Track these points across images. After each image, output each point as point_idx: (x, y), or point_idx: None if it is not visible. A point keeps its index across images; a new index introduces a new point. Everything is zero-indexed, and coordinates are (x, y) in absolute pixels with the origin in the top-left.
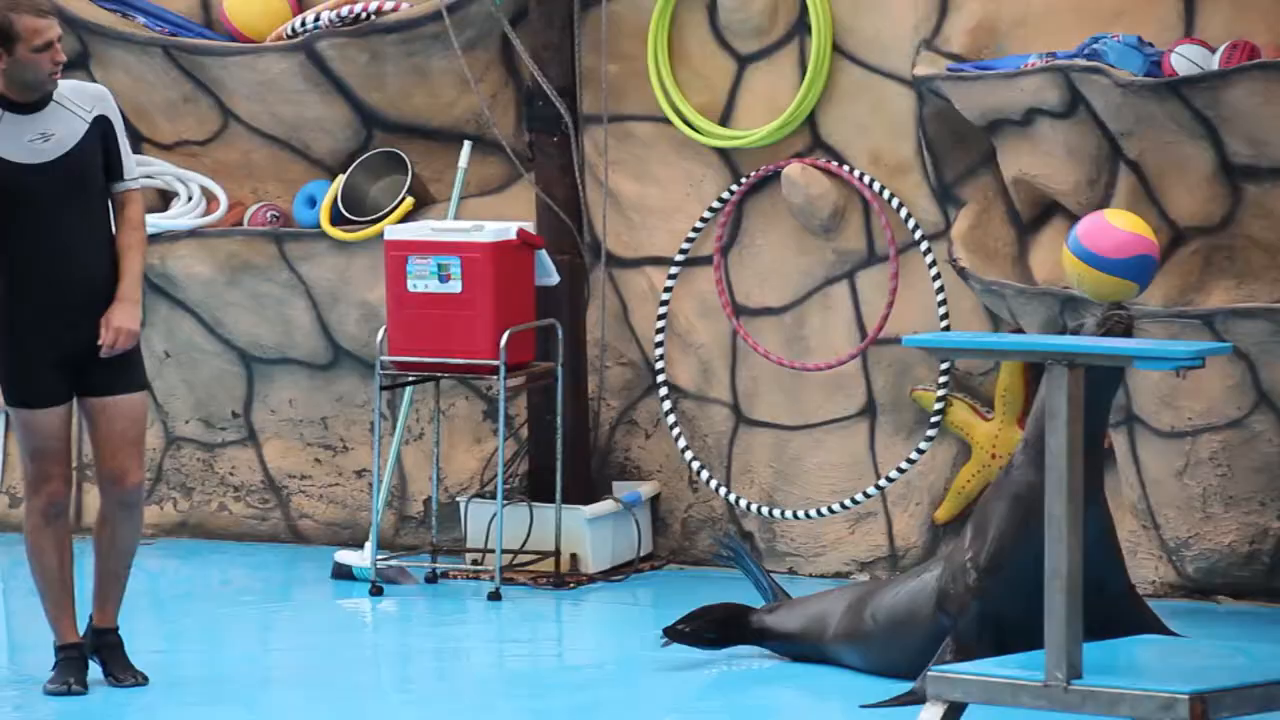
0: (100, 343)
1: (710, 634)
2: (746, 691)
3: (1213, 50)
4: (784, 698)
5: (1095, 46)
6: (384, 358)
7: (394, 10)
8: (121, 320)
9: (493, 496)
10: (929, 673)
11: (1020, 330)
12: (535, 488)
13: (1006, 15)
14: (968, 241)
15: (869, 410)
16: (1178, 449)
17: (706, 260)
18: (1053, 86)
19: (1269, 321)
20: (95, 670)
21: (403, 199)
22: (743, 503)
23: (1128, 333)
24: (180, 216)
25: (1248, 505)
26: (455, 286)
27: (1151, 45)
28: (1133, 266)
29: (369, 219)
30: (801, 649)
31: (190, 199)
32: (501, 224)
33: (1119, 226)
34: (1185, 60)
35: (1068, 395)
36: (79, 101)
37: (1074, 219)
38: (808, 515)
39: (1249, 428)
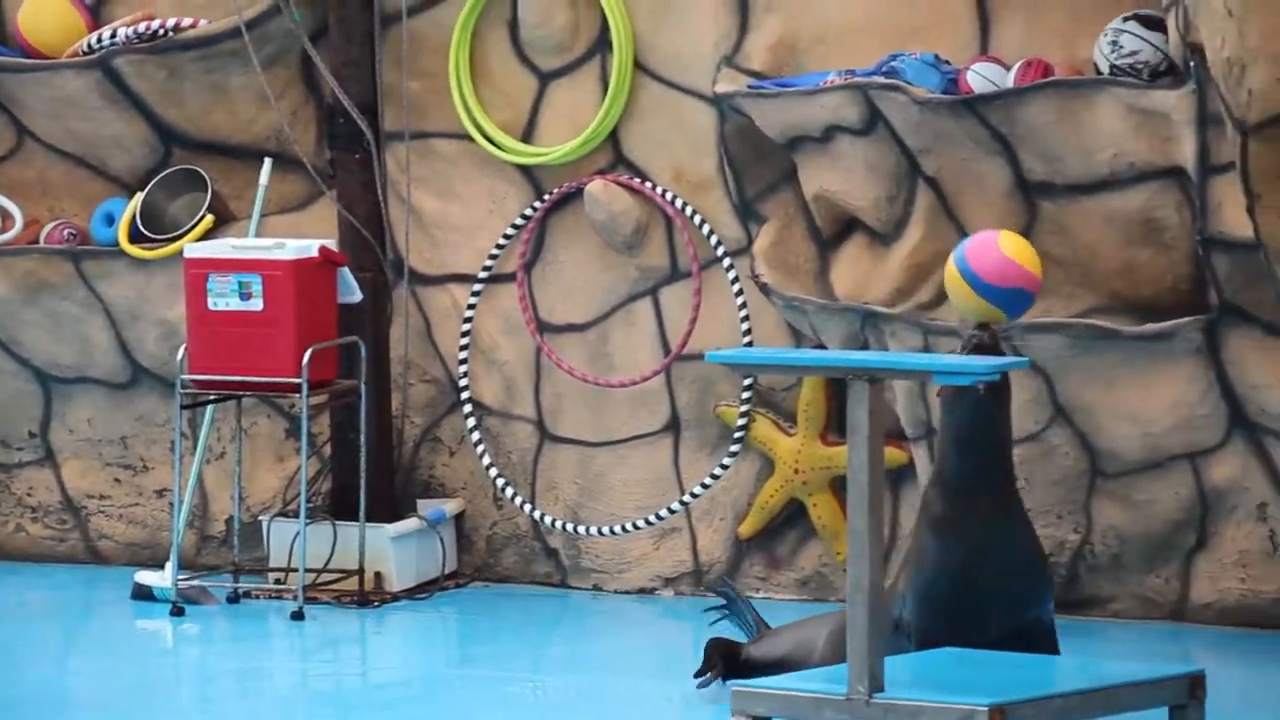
0: None
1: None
2: (547, 708)
3: (1008, 68)
4: (586, 712)
5: (893, 64)
6: (184, 376)
7: (192, 27)
8: None
9: (295, 515)
10: (734, 688)
11: (822, 346)
12: (338, 506)
13: (806, 33)
14: (769, 258)
15: (673, 426)
16: None
17: (510, 277)
18: (852, 104)
19: (1065, 336)
20: None
21: (202, 216)
22: (547, 519)
23: (989, 354)
24: None
25: (1045, 518)
26: (257, 304)
27: (948, 63)
28: (1006, 296)
29: (168, 237)
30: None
31: None
32: (303, 241)
33: (1006, 253)
34: (981, 78)
35: (868, 410)
36: None
37: (873, 235)
38: (612, 531)
39: (1046, 441)
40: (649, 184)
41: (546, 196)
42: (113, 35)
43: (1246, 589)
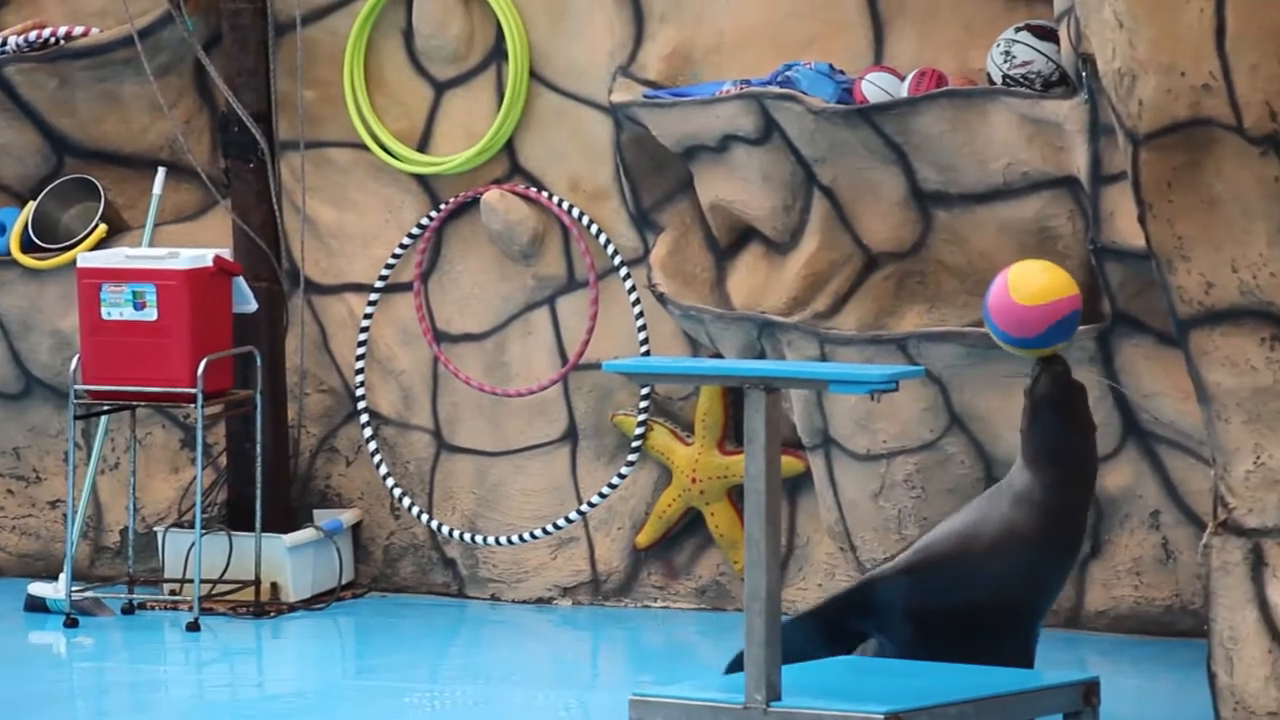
0: None
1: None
2: (445, 719)
3: (902, 78)
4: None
5: (788, 74)
6: (78, 386)
7: (84, 35)
8: None
9: (191, 526)
10: (631, 697)
11: (719, 355)
12: (234, 516)
13: (701, 42)
14: (666, 267)
15: (570, 436)
16: (873, 471)
17: (406, 287)
18: (747, 113)
19: (960, 345)
20: None
21: (95, 226)
22: (445, 529)
23: (1059, 388)
24: None
25: None
26: (151, 314)
27: (843, 73)
28: (1049, 336)
29: (61, 246)
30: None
31: None
32: (198, 251)
33: (1023, 303)
34: (876, 88)
35: (765, 419)
36: None
37: (769, 244)
38: (510, 541)
39: (942, 450)
40: (545, 193)
41: (443, 206)
42: (3, 44)
43: (1140, 596)
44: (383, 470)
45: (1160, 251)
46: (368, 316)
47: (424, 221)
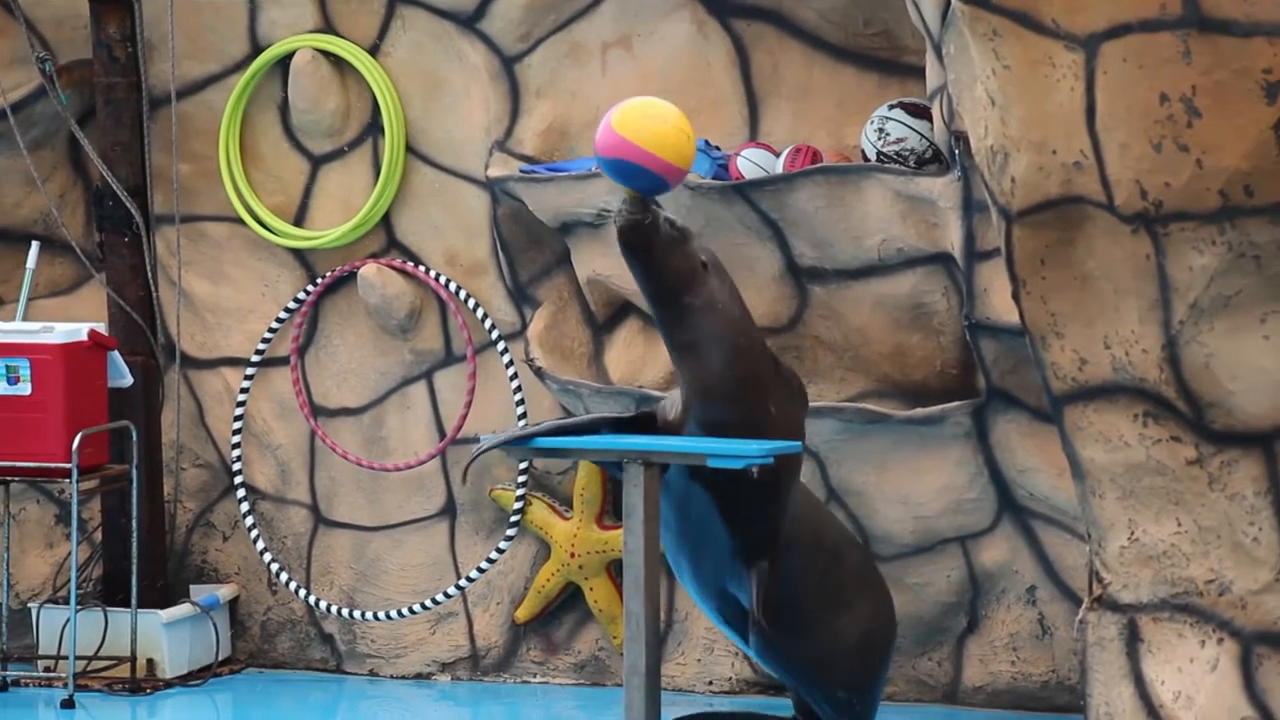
0: None
1: None
2: None
3: (777, 154)
4: None
5: None
6: None
7: None
8: None
9: (66, 602)
10: None
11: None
12: (110, 592)
13: (577, 117)
14: (544, 341)
15: (449, 510)
16: None
17: (283, 361)
18: (623, 188)
19: (837, 420)
20: None
21: None
22: (323, 604)
23: (625, 231)
24: None
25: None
26: (25, 389)
27: (719, 148)
28: (607, 166)
29: None
30: None
31: None
32: (72, 325)
33: (610, 122)
34: (751, 164)
35: (644, 493)
36: None
37: (647, 319)
38: (388, 616)
39: None
40: (422, 268)
41: (320, 280)
42: None
43: (1017, 671)
44: (260, 545)
45: (1034, 328)
46: (244, 391)
47: (301, 295)
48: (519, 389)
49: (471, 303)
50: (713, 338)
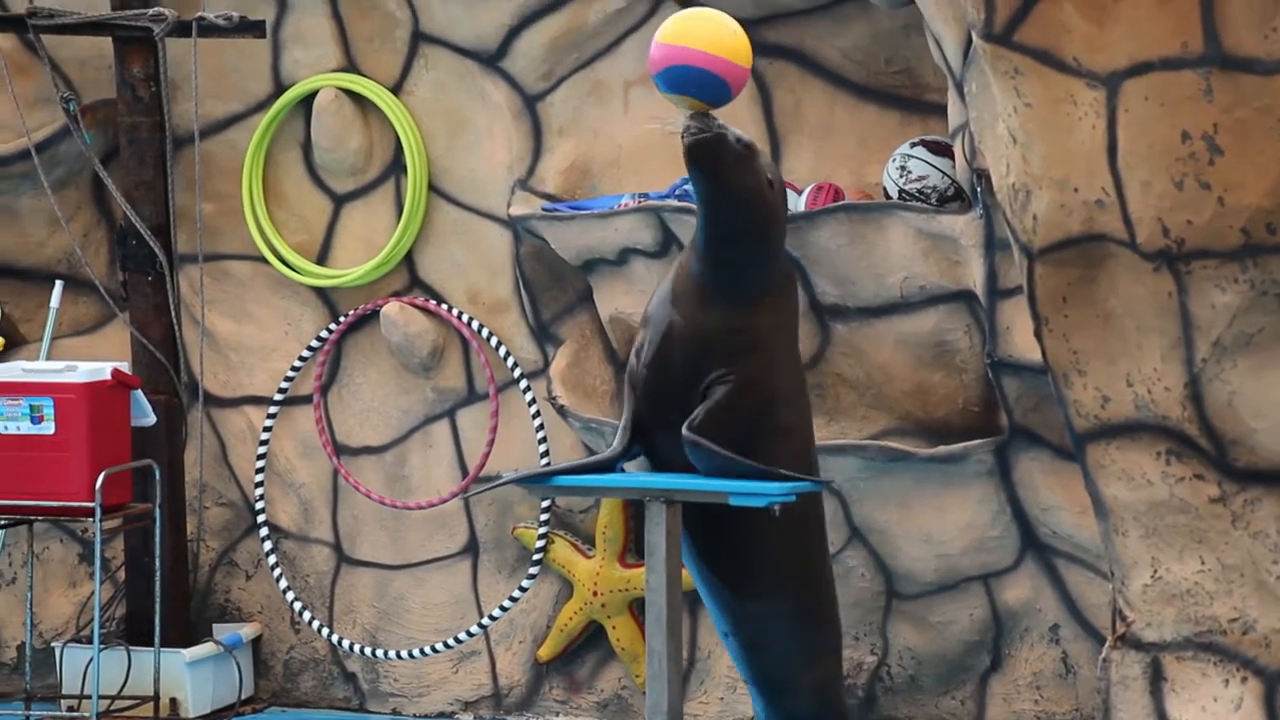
0: None
1: None
2: None
3: (799, 191)
4: None
5: (686, 187)
6: None
7: None
8: None
9: (89, 641)
10: None
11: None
12: (133, 631)
13: (599, 156)
14: (566, 379)
15: (471, 548)
16: None
17: (306, 399)
18: (646, 226)
19: (860, 458)
20: None
21: None
22: (345, 643)
23: (694, 148)
24: None
25: (844, 640)
26: (49, 428)
27: None
28: (665, 78)
29: None
30: None
31: None
32: (96, 364)
33: (659, 38)
34: None
35: (666, 531)
36: None
37: None
38: (411, 655)
39: (843, 563)
40: (445, 306)
41: (342, 318)
42: None
43: (1040, 710)
44: (283, 584)
45: (1056, 366)
46: (267, 429)
47: (323, 334)
48: (541, 427)
49: (494, 341)
50: (760, 256)
